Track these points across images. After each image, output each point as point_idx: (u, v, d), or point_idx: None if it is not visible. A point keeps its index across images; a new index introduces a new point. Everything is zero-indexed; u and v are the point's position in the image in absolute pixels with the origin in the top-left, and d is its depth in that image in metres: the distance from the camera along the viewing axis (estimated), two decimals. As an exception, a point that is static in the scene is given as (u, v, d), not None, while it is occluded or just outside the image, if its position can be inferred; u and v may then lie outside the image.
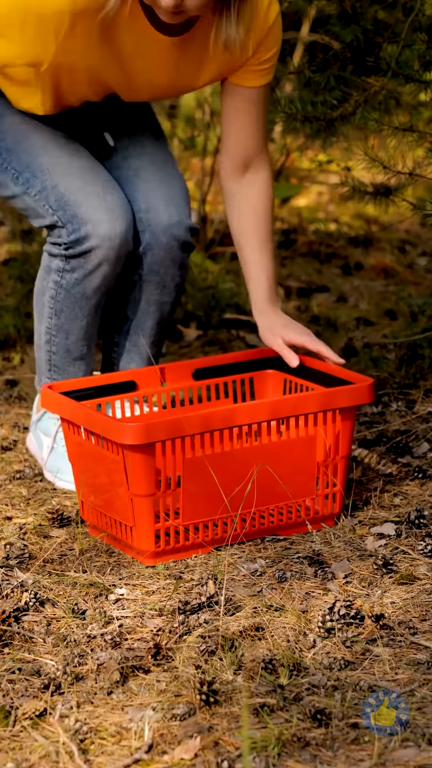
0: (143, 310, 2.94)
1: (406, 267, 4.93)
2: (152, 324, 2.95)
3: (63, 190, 2.74)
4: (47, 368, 2.92)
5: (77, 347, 2.87)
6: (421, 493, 2.80)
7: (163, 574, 2.44)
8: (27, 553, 2.51)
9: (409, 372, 3.50)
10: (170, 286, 2.92)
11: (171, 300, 2.94)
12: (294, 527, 2.61)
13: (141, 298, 2.92)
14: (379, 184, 3.26)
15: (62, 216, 2.74)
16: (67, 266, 2.78)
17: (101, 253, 2.75)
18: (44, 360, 2.92)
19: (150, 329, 2.96)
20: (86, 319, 2.84)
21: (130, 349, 2.98)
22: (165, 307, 2.94)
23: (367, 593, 2.36)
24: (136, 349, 2.97)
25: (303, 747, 1.87)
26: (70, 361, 2.89)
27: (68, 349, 2.88)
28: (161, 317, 2.95)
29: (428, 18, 3.13)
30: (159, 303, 2.93)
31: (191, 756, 1.85)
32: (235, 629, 2.21)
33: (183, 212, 2.88)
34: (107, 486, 2.52)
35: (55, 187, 2.74)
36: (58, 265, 2.81)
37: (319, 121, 3.15)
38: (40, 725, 1.94)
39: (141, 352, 2.97)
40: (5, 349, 3.90)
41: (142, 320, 2.95)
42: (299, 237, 5.48)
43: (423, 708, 1.97)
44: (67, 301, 2.81)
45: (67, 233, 2.74)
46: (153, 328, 2.96)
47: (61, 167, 2.76)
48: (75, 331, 2.85)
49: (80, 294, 2.80)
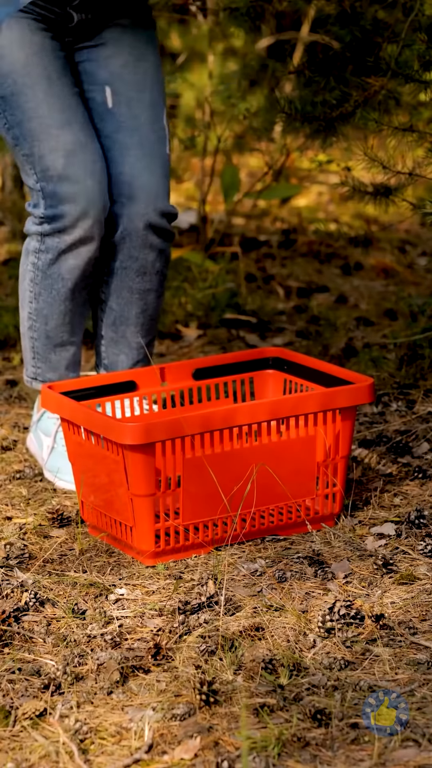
0: (126, 299, 2.96)
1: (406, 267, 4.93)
2: (137, 313, 2.97)
3: (48, 164, 2.79)
4: (31, 356, 2.96)
5: (57, 333, 2.90)
6: (421, 493, 2.80)
7: (163, 574, 2.44)
8: (27, 553, 2.51)
9: (409, 372, 3.50)
10: (150, 272, 2.94)
11: (153, 288, 2.96)
12: (294, 527, 2.61)
13: (123, 287, 2.95)
14: (379, 184, 3.26)
15: (44, 187, 2.81)
16: (42, 246, 2.85)
17: (76, 233, 2.81)
18: (28, 348, 2.96)
19: (135, 319, 2.97)
20: (64, 303, 2.88)
21: (118, 341, 2.99)
22: (148, 296, 2.96)
23: (367, 593, 2.36)
24: (124, 340, 2.99)
25: (303, 747, 1.87)
26: (51, 348, 2.92)
27: (48, 335, 2.91)
28: (145, 306, 2.97)
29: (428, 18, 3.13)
30: (141, 291, 2.95)
31: (191, 756, 1.85)
32: (235, 629, 2.21)
33: (160, 197, 2.90)
34: (107, 486, 2.52)
35: (41, 158, 2.79)
36: (35, 246, 2.88)
37: (318, 121, 3.14)
38: (40, 725, 1.94)
39: (129, 343, 2.98)
40: (5, 349, 3.90)
41: (126, 310, 2.97)
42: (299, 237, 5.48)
43: (423, 708, 1.97)
44: (44, 284, 2.87)
45: (44, 206, 2.80)
46: (138, 318, 2.97)
47: (49, 141, 2.79)
48: (54, 315, 2.90)
49: (56, 275, 2.86)
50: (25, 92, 2.76)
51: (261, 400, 2.55)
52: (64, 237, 2.81)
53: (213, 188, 5.18)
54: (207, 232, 5.00)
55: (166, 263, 2.97)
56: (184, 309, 4.27)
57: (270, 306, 4.40)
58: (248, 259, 5.00)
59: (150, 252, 2.93)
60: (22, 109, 2.78)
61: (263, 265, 5.05)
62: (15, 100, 2.76)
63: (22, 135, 2.79)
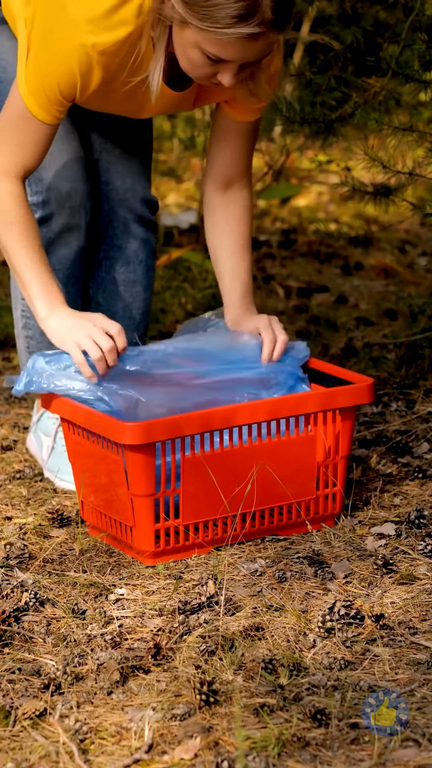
0: (111, 292, 2.97)
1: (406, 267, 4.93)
2: (123, 306, 2.97)
3: None
4: (26, 357, 2.95)
5: None
6: (421, 493, 2.80)
7: (163, 574, 2.44)
8: (27, 553, 2.51)
9: (409, 372, 3.50)
10: (134, 262, 2.95)
11: (138, 280, 2.97)
12: (294, 527, 2.62)
13: (108, 279, 2.96)
14: (379, 184, 3.26)
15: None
16: None
17: (61, 219, 2.81)
18: (23, 349, 2.95)
19: (122, 312, 2.98)
20: None
21: None
22: (134, 288, 2.96)
23: (367, 593, 2.36)
24: None
25: (303, 747, 1.87)
26: (47, 346, 2.91)
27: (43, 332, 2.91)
28: (131, 300, 2.97)
29: (428, 18, 3.13)
30: (126, 283, 2.95)
31: (191, 756, 1.85)
32: (235, 629, 2.21)
33: (139, 185, 2.92)
34: (107, 486, 2.52)
35: None
36: None
37: (318, 123, 3.15)
38: (40, 725, 1.94)
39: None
40: (5, 349, 3.90)
41: (112, 304, 2.97)
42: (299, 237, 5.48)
43: (423, 708, 1.97)
44: None
45: (31, 192, 2.80)
46: (125, 312, 2.98)
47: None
48: None
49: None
50: (13, 79, 2.76)
51: (261, 400, 2.55)
52: (51, 225, 2.81)
53: (213, 188, 5.16)
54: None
55: (151, 254, 2.98)
56: (184, 309, 4.27)
57: (270, 306, 4.41)
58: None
59: (132, 240, 2.94)
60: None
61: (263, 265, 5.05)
62: (4, 88, 2.76)
63: None
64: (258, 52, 2.36)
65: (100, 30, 2.39)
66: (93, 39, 2.39)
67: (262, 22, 2.30)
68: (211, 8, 2.29)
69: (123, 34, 2.41)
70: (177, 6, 2.33)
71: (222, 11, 2.28)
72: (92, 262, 2.97)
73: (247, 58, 2.36)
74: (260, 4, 2.28)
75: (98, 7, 2.39)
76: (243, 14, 2.28)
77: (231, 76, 2.39)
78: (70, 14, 2.39)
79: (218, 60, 2.36)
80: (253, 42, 2.32)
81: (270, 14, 2.29)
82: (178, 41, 2.40)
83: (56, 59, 2.43)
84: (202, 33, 2.32)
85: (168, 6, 2.37)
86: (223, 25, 2.29)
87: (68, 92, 2.48)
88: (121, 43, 2.41)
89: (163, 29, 2.42)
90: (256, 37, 2.31)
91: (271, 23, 2.30)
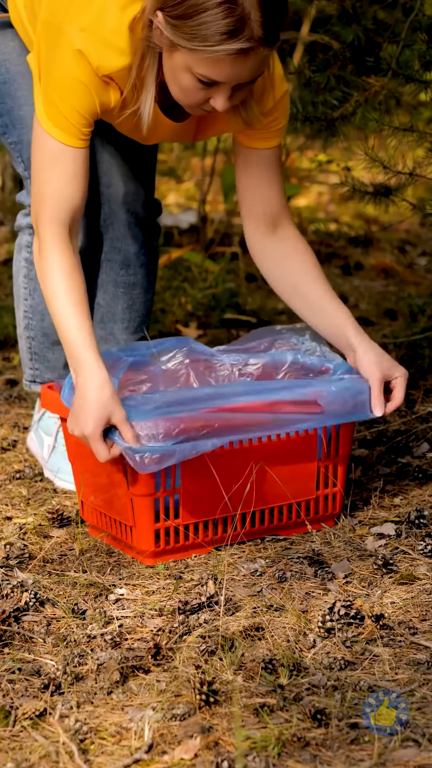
0: (112, 293, 2.97)
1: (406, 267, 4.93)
2: (123, 308, 2.97)
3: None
4: (28, 357, 2.95)
5: (54, 330, 2.88)
6: (421, 493, 2.80)
7: (163, 574, 2.44)
8: (27, 553, 2.51)
9: (409, 372, 3.50)
10: (135, 265, 2.95)
11: (138, 282, 2.96)
12: (294, 527, 2.62)
13: (108, 281, 2.96)
14: (379, 184, 3.26)
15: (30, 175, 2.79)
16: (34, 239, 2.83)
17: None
18: (25, 349, 2.95)
19: (122, 314, 2.98)
20: None
21: (107, 338, 3.00)
22: (134, 290, 2.96)
23: (367, 593, 2.36)
24: (113, 338, 2.99)
25: (303, 747, 1.87)
26: (49, 346, 2.91)
27: (45, 332, 2.91)
28: (131, 302, 2.97)
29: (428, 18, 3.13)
30: (126, 285, 2.95)
31: (191, 756, 1.85)
32: (235, 629, 2.21)
33: (141, 188, 2.91)
34: (107, 486, 2.52)
35: (29, 145, 2.78)
36: (27, 240, 2.89)
37: (319, 121, 3.15)
38: (40, 725, 1.94)
39: (118, 341, 2.99)
40: (5, 349, 3.90)
41: (112, 305, 2.97)
42: (299, 237, 5.47)
43: (423, 708, 1.97)
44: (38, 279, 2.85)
45: (27, 193, 2.80)
46: (124, 313, 2.98)
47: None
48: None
49: None
50: (17, 80, 2.76)
51: (261, 400, 2.55)
52: None
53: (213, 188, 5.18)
54: (207, 232, 5.01)
55: (152, 257, 2.97)
56: (184, 309, 4.27)
57: (270, 306, 4.41)
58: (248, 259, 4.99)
59: (133, 243, 2.93)
60: (13, 97, 2.78)
61: (263, 265, 5.04)
62: (6, 89, 2.76)
63: (11, 122, 2.79)
64: (249, 70, 2.33)
65: (106, 53, 2.37)
66: (97, 61, 2.39)
67: (252, 38, 2.27)
68: (199, 27, 2.27)
69: (126, 62, 2.39)
70: (165, 31, 2.31)
71: (210, 29, 2.26)
72: (93, 263, 2.96)
73: (238, 77, 2.33)
74: (248, 20, 2.26)
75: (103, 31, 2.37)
76: (232, 30, 2.26)
77: (224, 99, 2.36)
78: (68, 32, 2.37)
79: (210, 83, 2.34)
80: (244, 59, 2.30)
81: (259, 30, 2.27)
82: (168, 68, 2.38)
83: (65, 78, 2.40)
84: (192, 54, 2.30)
85: (156, 33, 2.34)
86: (212, 42, 2.27)
87: (87, 107, 2.44)
88: (123, 71, 2.40)
89: (153, 59, 2.40)
90: (246, 53, 2.29)
91: (260, 39, 2.28)
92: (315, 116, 3.15)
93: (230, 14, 2.24)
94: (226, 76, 2.32)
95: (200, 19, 2.26)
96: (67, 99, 2.42)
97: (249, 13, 2.25)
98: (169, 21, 2.29)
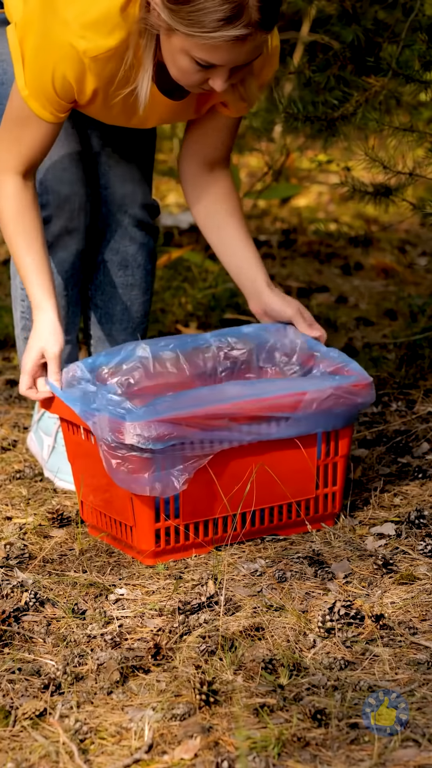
0: (110, 294, 2.97)
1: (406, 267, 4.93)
2: (121, 309, 2.97)
3: None
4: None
5: None
6: (421, 493, 2.80)
7: (163, 574, 2.44)
8: (27, 553, 2.51)
9: (409, 372, 3.51)
10: (132, 266, 2.94)
11: (136, 284, 2.96)
12: (294, 527, 2.61)
13: (106, 282, 2.95)
14: (379, 184, 3.26)
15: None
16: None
17: (60, 222, 2.81)
18: (23, 349, 2.94)
19: (120, 315, 2.97)
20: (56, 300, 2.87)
21: (104, 339, 3.00)
22: (132, 292, 2.96)
23: (367, 593, 2.36)
24: (111, 339, 2.99)
25: (303, 747, 1.87)
26: None
27: None
28: (129, 303, 2.97)
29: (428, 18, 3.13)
30: (124, 286, 2.95)
31: (191, 756, 1.85)
32: (235, 629, 2.21)
33: (139, 189, 2.91)
34: (107, 486, 2.52)
35: None
36: None
37: (319, 121, 3.15)
38: (40, 725, 1.94)
39: (116, 342, 2.99)
40: (5, 349, 3.90)
41: (110, 306, 2.97)
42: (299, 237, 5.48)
43: (423, 708, 1.97)
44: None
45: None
46: (122, 314, 2.98)
47: None
48: None
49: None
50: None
51: (261, 400, 2.55)
52: (50, 228, 2.81)
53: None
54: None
55: (150, 258, 2.97)
56: (184, 309, 4.27)
57: (270, 306, 4.40)
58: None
59: (131, 244, 2.94)
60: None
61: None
62: (4, 90, 2.76)
63: None
64: (247, 53, 2.34)
65: (92, 35, 2.38)
66: (85, 45, 2.39)
67: (249, 23, 2.28)
68: (197, 13, 2.27)
69: (114, 42, 2.40)
70: (162, 14, 2.31)
71: (208, 15, 2.26)
72: (92, 265, 2.96)
73: (236, 61, 2.34)
74: (246, 6, 2.26)
75: (91, 13, 2.38)
76: (229, 16, 2.26)
77: (222, 81, 2.37)
78: (63, 18, 2.39)
79: (208, 65, 2.35)
80: (241, 44, 2.30)
81: (257, 15, 2.27)
82: (166, 49, 2.39)
83: (50, 62, 2.43)
84: (189, 39, 2.30)
85: (154, 15, 2.34)
86: (209, 29, 2.27)
87: (65, 94, 2.47)
88: (112, 51, 2.40)
89: (150, 39, 2.40)
90: (244, 38, 2.29)
91: (258, 23, 2.28)
92: (315, 116, 3.15)
93: (228, 0, 2.24)
94: (224, 60, 2.33)
95: (198, 5, 2.26)
96: (46, 82, 2.45)
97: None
98: (167, 5, 2.29)
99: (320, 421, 2.54)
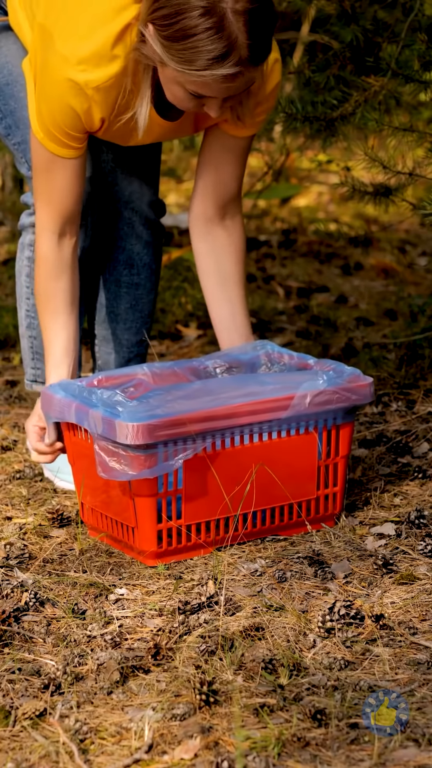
0: (114, 293, 2.97)
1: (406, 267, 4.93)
2: (125, 308, 2.97)
3: None
4: (30, 357, 2.95)
5: None
6: (421, 493, 2.80)
7: (163, 574, 2.44)
8: (27, 553, 2.51)
9: (409, 372, 3.51)
10: (138, 265, 2.95)
11: (141, 283, 2.96)
12: (294, 527, 2.61)
13: (111, 280, 2.96)
14: (379, 184, 3.26)
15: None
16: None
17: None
18: (27, 349, 2.95)
19: (124, 314, 2.98)
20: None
21: (109, 338, 3.00)
22: (137, 290, 2.96)
23: (367, 593, 2.36)
24: (115, 338, 2.99)
25: (303, 747, 1.87)
26: None
27: None
28: (134, 302, 2.97)
29: (428, 18, 3.13)
30: (129, 285, 2.95)
31: (191, 756, 1.85)
32: (235, 629, 2.21)
33: (145, 187, 2.92)
34: (107, 487, 2.52)
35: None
36: (30, 239, 2.89)
37: (319, 121, 3.15)
38: (40, 725, 1.94)
39: (120, 341, 2.99)
40: (5, 349, 3.90)
41: (115, 305, 2.97)
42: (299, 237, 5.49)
43: (423, 708, 1.97)
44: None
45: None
46: (127, 314, 2.98)
47: None
48: None
49: None
50: (20, 81, 2.77)
51: (261, 399, 2.55)
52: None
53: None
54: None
55: (155, 258, 2.98)
56: (184, 309, 4.27)
57: (270, 306, 4.41)
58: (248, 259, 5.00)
59: (136, 243, 2.94)
60: (15, 98, 2.78)
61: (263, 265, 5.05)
62: (9, 90, 2.76)
63: (14, 123, 2.79)
64: (238, 87, 2.35)
65: (92, 68, 2.40)
66: (85, 77, 2.41)
67: (239, 62, 2.28)
68: (187, 51, 2.28)
69: (114, 70, 2.42)
70: (156, 48, 2.33)
71: (198, 54, 2.27)
72: (97, 262, 2.97)
73: (228, 93, 2.36)
74: (236, 45, 2.26)
75: (87, 47, 2.40)
76: (219, 56, 2.26)
77: (216, 108, 2.40)
78: (62, 54, 2.41)
79: (201, 96, 2.37)
80: (232, 80, 2.32)
81: (246, 52, 2.28)
82: (162, 77, 2.41)
83: (55, 98, 2.45)
84: (181, 74, 2.32)
85: (148, 47, 2.36)
86: (200, 67, 2.28)
87: (75, 127, 2.48)
88: (113, 79, 2.42)
89: (147, 66, 2.42)
90: (234, 76, 2.30)
91: (247, 61, 2.29)
92: (315, 116, 3.15)
93: (218, 40, 2.25)
94: (216, 94, 2.36)
95: (188, 44, 2.27)
96: (56, 118, 2.48)
97: (236, 38, 2.25)
98: (159, 39, 2.30)
99: (319, 417, 2.54)
